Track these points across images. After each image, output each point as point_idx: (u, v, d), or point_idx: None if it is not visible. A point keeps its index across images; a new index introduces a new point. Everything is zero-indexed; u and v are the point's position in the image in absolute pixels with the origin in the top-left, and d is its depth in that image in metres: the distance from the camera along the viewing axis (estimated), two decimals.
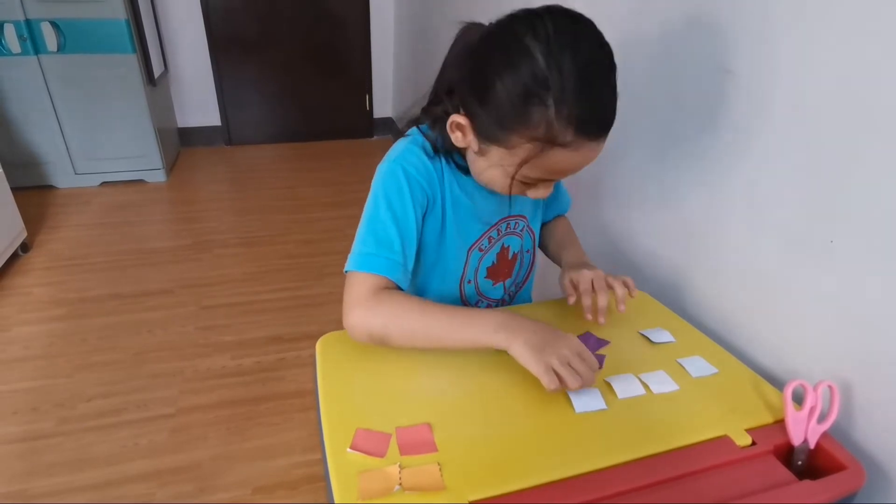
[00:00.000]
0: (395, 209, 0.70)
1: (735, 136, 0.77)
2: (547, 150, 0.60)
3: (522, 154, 0.62)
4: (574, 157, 0.61)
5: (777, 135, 0.71)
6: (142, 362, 1.57)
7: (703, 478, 0.56)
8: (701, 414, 0.63)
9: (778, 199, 0.71)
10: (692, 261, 0.89)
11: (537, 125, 0.58)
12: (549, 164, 0.62)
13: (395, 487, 0.52)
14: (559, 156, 0.60)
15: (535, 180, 0.66)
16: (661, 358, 0.72)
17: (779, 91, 0.70)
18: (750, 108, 0.74)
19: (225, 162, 3.24)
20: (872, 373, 0.62)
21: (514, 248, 0.85)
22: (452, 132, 0.68)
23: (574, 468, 0.56)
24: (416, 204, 0.71)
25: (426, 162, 0.73)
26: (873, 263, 0.60)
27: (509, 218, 0.82)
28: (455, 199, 0.76)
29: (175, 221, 2.51)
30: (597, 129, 0.60)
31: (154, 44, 2.83)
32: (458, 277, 0.82)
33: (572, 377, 0.59)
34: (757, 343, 0.77)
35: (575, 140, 0.59)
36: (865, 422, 0.63)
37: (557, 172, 0.65)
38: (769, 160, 0.72)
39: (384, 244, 0.69)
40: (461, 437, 0.59)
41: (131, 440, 1.30)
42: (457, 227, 0.77)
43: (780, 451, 0.60)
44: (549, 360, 0.60)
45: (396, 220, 0.70)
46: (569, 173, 0.65)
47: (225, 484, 1.21)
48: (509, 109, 0.59)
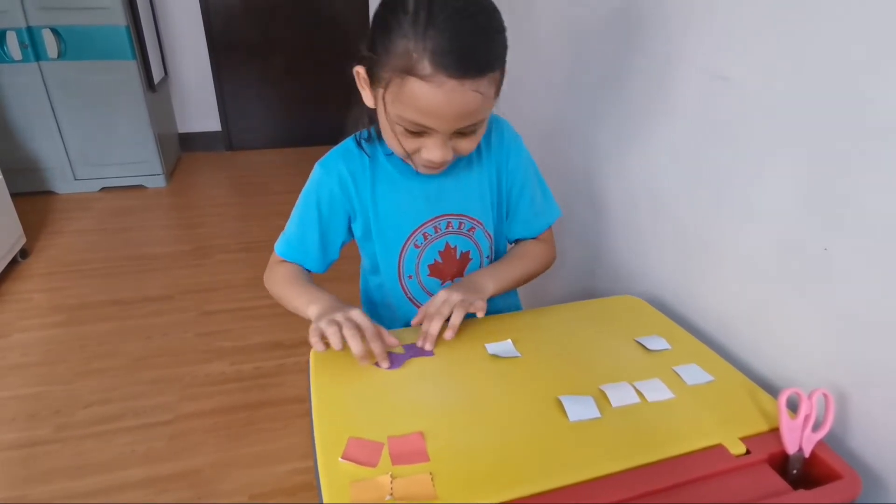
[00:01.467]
0: (304, 204, 0.81)
1: (731, 141, 0.77)
2: (407, 81, 0.61)
3: (391, 88, 0.64)
4: (436, 94, 0.61)
5: (772, 141, 0.70)
6: (141, 368, 1.57)
7: (696, 487, 0.56)
8: (695, 422, 0.63)
9: (773, 206, 0.71)
10: (689, 267, 0.88)
11: (401, 55, 0.61)
12: (413, 99, 0.62)
13: (386, 497, 0.51)
14: (419, 89, 0.61)
15: (414, 126, 0.66)
16: (656, 366, 0.72)
17: (773, 97, 0.69)
18: (745, 113, 0.74)
19: (226, 167, 3.25)
20: (868, 381, 0.61)
21: (462, 248, 0.86)
22: (363, 88, 0.71)
23: (567, 478, 0.55)
24: (321, 208, 0.80)
25: (344, 167, 0.79)
26: (867, 271, 0.60)
27: (450, 216, 0.83)
28: (383, 196, 0.81)
29: (175, 227, 2.52)
30: (456, 66, 0.60)
31: (154, 50, 2.84)
32: (395, 273, 0.86)
33: (334, 336, 0.66)
34: (753, 351, 0.77)
35: (434, 74, 0.60)
36: (861, 430, 0.62)
37: (427, 112, 0.63)
38: (764, 166, 0.72)
39: (292, 233, 0.83)
40: (454, 447, 0.58)
41: (129, 447, 1.30)
42: (386, 222, 0.82)
43: (775, 460, 0.60)
44: (320, 323, 0.69)
45: (302, 213, 0.81)
46: (438, 117, 0.64)
47: (223, 491, 1.20)
48: (381, 42, 0.63)
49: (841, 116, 0.61)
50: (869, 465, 0.62)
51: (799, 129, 0.66)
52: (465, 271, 0.87)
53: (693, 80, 0.82)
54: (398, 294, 0.88)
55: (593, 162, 1.12)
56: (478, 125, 0.68)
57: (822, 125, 0.63)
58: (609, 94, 1.04)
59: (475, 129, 0.69)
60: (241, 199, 2.82)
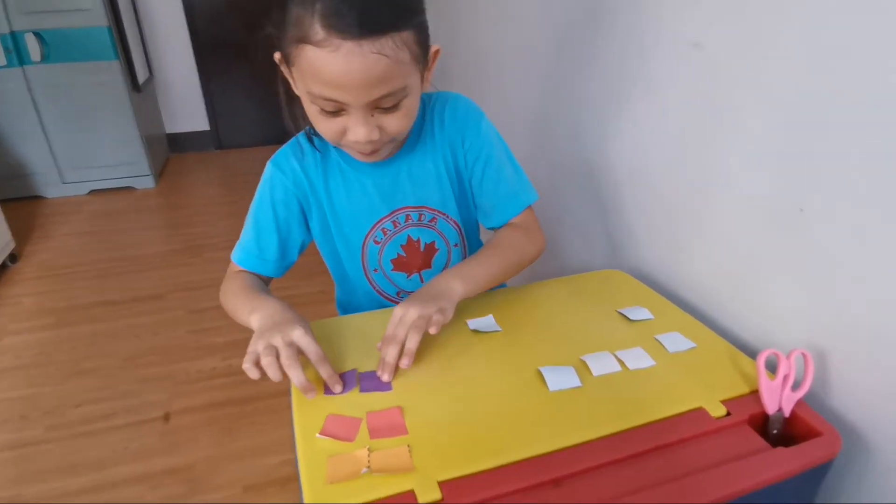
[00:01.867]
0: (257, 208, 0.78)
1: (708, 111, 0.77)
2: (304, 51, 0.57)
3: (293, 62, 0.60)
4: (334, 60, 0.56)
5: (748, 110, 0.70)
6: (132, 367, 1.57)
7: (678, 449, 0.56)
8: (677, 387, 0.63)
9: (750, 172, 0.71)
10: (672, 239, 0.88)
11: (295, 23, 0.57)
12: (313, 69, 0.58)
13: (363, 470, 0.51)
14: (315, 57, 0.57)
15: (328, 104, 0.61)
16: (638, 335, 0.72)
17: (747, 63, 0.69)
18: (721, 82, 0.74)
19: (215, 166, 3.24)
20: (846, 339, 0.61)
21: (426, 240, 0.83)
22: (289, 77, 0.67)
23: (547, 445, 0.55)
24: (275, 204, 0.77)
25: (296, 163, 0.77)
26: (841, 231, 0.59)
27: (407, 209, 0.80)
28: (337, 192, 0.78)
29: (165, 227, 2.51)
30: (348, 25, 0.55)
31: (138, 50, 2.82)
32: (359, 268, 0.84)
33: (271, 367, 0.58)
34: (735, 316, 0.77)
35: (327, 38, 0.55)
36: (840, 388, 0.62)
37: (330, 83, 0.58)
38: (741, 135, 0.72)
39: (248, 239, 0.78)
40: (433, 420, 0.58)
41: (121, 444, 1.30)
42: (343, 219, 0.80)
43: (756, 421, 0.60)
44: (257, 346, 0.60)
45: (257, 218, 0.77)
46: (345, 88, 0.59)
47: (216, 484, 1.20)
48: (278, 17, 0.60)
49: (814, 80, 0.60)
50: (848, 421, 0.61)
51: (774, 94, 0.66)
52: (432, 262, 0.85)
53: (669, 51, 0.82)
54: (366, 287, 0.86)
55: (579, 145, 1.11)
56: (399, 97, 0.62)
57: (795, 90, 0.63)
58: (591, 74, 1.04)
59: (398, 104, 0.63)
60: (232, 198, 2.81)
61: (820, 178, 0.61)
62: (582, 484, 0.52)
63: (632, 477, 0.52)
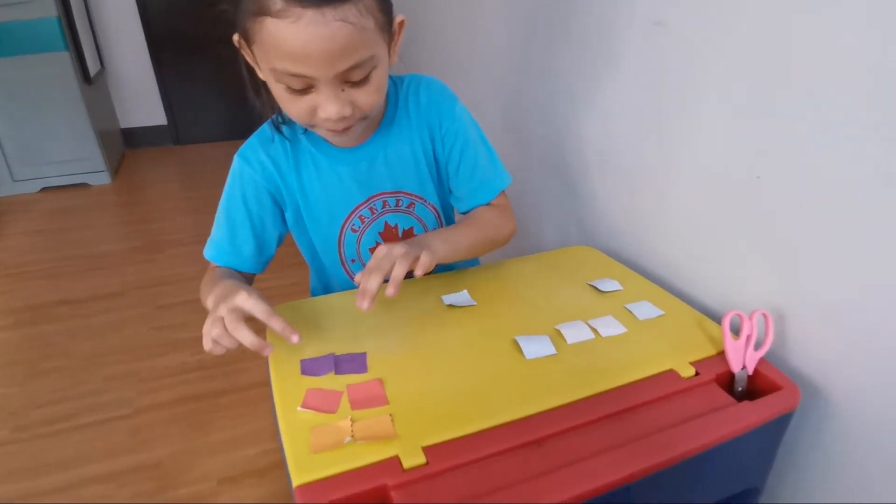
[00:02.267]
0: (229, 203, 0.76)
1: (670, 87, 0.79)
2: (264, 24, 0.55)
3: (254, 38, 0.57)
4: (296, 31, 0.54)
5: (707, 84, 0.73)
6: (95, 366, 1.52)
7: (650, 408, 0.58)
8: (648, 352, 0.65)
9: (709, 144, 0.74)
10: (638, 214, 0.91)
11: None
12: (275, 43, 0.56)
13: (346, 439, 0.51)
14: (276, 29, 0.54)
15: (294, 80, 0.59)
16: (609, 305, 0.74)
17: (705, 40, 0.72)
18: (681, 58, 0.76)
19: (174, 162, 3.15)
20: (802, 300, 0.65)
21: (403, 226, 0.82)
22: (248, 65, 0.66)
23: (527, 409, 0.56)
24: (247, 199, 0.75)
25: (264, 154, 0.75)
26: (796, 197, 0.63)
27: (384, 195, 0.79)
28: (310, 182, 0.76)
29: (123, 224, 2.43)
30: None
31: (88, 41, 2.72)
32: (336, 259, 0.83)
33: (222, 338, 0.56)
34: (699, 284, 0.80)
35: (285, 7, 0.53)
36: (799, 346, 0.66)
37: (293, 56, 0.56)
38: (701, 107, 0.74)
39: (219, 234, 0.76)
40: (413, 390, 0.59)
41: (87, 443, 1.26)
42: (317, 209, 0.78)
43: (722, 380, 0.63)
44: (205, 325, 0.58)
45: (229, 215, 0.75)
46: (309, 60, 0.56)
47: (189, 479, 1.18)
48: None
49: (767, 57, 0.63)
50: (806, 376, 0.65)
51: (731, 69, 0.69)
52: None
53: (636, 30, 0.84)
54: (343, 278, 0.84)
55: (549, 127, 1.13)
56: (367, 69, 0.60)
57: (751, 65, 0.66)
58: (560, 54, 1.05)
59: (367, 76, 0.61)
60: (193, 194, 2.73)
61: (775, 146, 0.64)
62: (562, 444, 0.53)
63: (609, 435, 0.54)
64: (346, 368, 0.61)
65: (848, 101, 0.55)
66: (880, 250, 0.55)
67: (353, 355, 0.63)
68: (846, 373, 0.61)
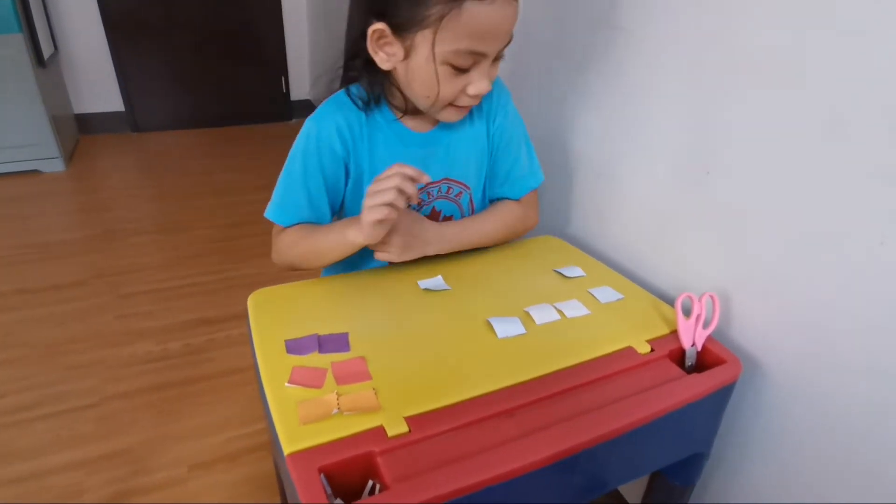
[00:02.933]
0: (305, 165, 0.76)
1: (627, 87, 0.85)
2: (463, 9, 0.61)
3: (444, 22, 0.62)
4: (492, 11, 0.62)
5: (660, 83, 0.79)
6: (55, 355, 1.49)
7: (610, 381, 0.64)
8: (608, 331, 0.71)
9: (664, 138, 0.80)
10: (601, 207, 0.97)
11: None
12: (471, 25, 0.62)
13: (333, 411, 0.55)
14: (475, 10, 0.61)
15: (468, 58, 0.66)
16: (574, 290, 0.80)
17: (658, 42, 0.78)
18: (638, 60, 0.82)
19: (132, 149, 3.06)
20: (744, 282, 0.72)
21: (446, 212, 0.87)
22: (376, 53, 0.69)
23: (499, 383, 0.61)
24: (322, 161, 0.76)
25: (342, 120, 0.76)
26: (740, 190, 0.70)
27: (441, 182, 0.83)
28: (381, 161, 0.78)
29: (80, 212, 2.36)
30: None
31: (41, 22, 2.61)
32: None
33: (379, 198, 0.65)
34: (656, 270, 0.86)
35: None
36: (742, 324, 0.73)
37: (483, 36, 0.64)
38: (656, 106, 0.80)
39: (291, 197, 0.77)
40: (394, 367, 0.63)
41: (52, 432, 1.24)
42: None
43: (675, 355, 0.69)
44: (363, 216, 0.67)
45: (305, 175, 0.77)
46: (496, 37, 0.65)
47: (159, 465, 1.18)
48: None
49: (715, 55, 0.69)
50: (747, 350, 0.72)
51: (681, 69, 0.75)
52: None
53: (597, 35, 0.89)
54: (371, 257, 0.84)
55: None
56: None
57: (700, 64, 0.72)
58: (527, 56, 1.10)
59: (502, 53, 0.69)
60: (154, 181, 2.67)
61: (721, 144, 0.71)
62: (532, 413, 0.58)
63: (573, 405, 0.60)
64: (329, 347, 0.65)
65: (789, 102, 0.62)
66: (813, 240, 0.62)
67: (335, 335, 0.67)
68: (781, 347, 0.69)
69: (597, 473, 0.62)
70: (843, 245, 0.59)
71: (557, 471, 0.56)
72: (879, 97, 0.53)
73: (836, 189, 0.58)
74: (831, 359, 0.62)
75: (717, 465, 0.81)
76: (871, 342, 0.58)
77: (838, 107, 0.57)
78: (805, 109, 0.60)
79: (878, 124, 0.53)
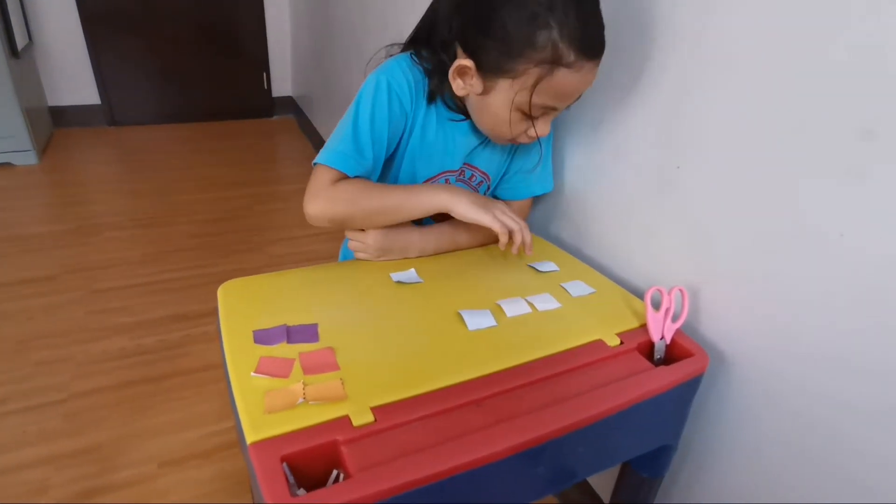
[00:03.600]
0: (372, 116, 0.76)
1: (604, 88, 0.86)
2: (554, 72, 0.66)
3: (531, 79, 0.67)
4: (576, 78, 0.67)
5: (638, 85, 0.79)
6: (23, 351, 1.45)
7: (578, 373, 0.64)
8: (579, 324, 0.72)
9: (635, 134, 0.81)
10: (572, 200, 0.97)
11: (543, 47, 0.64)
12: (556, 87, 0.67)
13: (298, 400, 0.54)
14: (564, 77, 0.66)
15: (540, 110, 0.71)
16: (546, 284, 0.80)
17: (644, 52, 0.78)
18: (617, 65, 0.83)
19: (109, 143, 3.01)
20: (712, 277, 0.73)
21: None
22: (454, 80, 0.73)
23: (468, 374, 0.61)
24: (391, 116, 0.77)
25: (409, 83, 0.78)
26: (708, 186, 0.70)
27: (468, 167, 0.87)
28: (426, 127, 0.81)
29: (54, 206, 2.31)
30: (595, 50, 0.67)
31: (16, 12, 2.55)
32: None
33: (514, 223, 0.74)
34: (627, 265, 0.87)
35: (577, 60, 0.65)
36: (709, 318, 0.74)
37: (563, 96, 0.70)
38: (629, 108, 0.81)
39: (358, 147, 0.76)
40: (362, 358, 0.62)
41: (19, 428, 1.21)
42: (420, 152, 0.83)
43: (644, 348, 0.70)
44: (494, 211, 0.74)
45: (372, 126, 0.76)
46: (572, 97, 0.71)
47: (129, 461, 1.16)
48: (516, 36, 0.65)
49: (682, 54, 0.70)
50: (714, 344, 0.73)
51: (651, 66, 0.76)
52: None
53: None
54: None
55: None
56: None
57: (670, 61, 0.73)
58: None
59: None
60: (131, 176, 2.63)
61: (691, 139, 0.72)
62: (499, 403, 0.58)
63: (542, 396, 0.60)
64: (297, 338, 0.64)
65: (756, 102, 0.63)
66: (777, 235, 0.63)
67: (304, 326, 0.66)
68: (747, 340, 0.70)
69: (564, 464, 0.62)
70: (805, 239, 0.60)
71: (524, 460, 0.56)
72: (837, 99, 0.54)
73: (799, 186, 0.59)
74: (796, 352, 0.63)
75: (685, 457, 0.82)
76: (834, 335, 0.59)
77: (800, 107, 0.58)
78: (770, 109, 0.61)
79: (835, 123, 0.55)
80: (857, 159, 0.54)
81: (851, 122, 0.53)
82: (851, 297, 0.56)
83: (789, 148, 0.60)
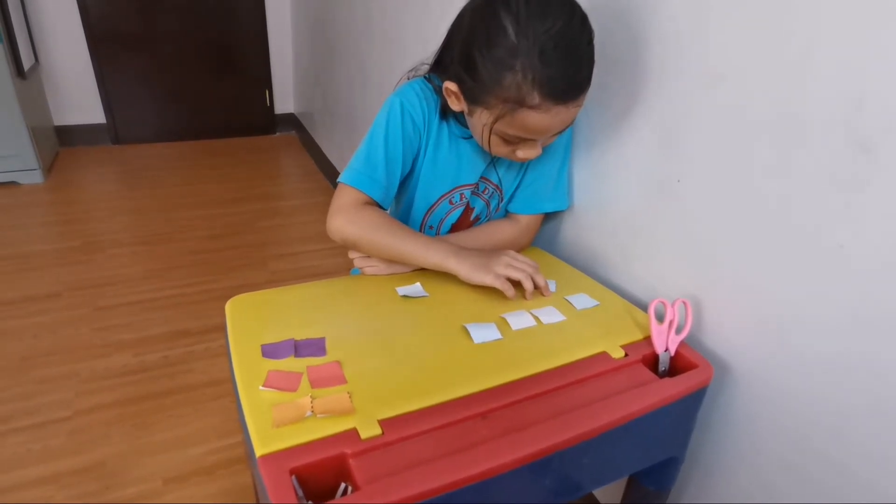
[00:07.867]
0: (387, 138, 0.81)
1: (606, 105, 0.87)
2: (517, 111, 0.68)
3: (500, 112, 0.70)
4: (545, 118, 0.68)
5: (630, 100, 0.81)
6: (28, 368, 1.46)
7: (583, 385, 0.64)
8: (583, 337, 0.72)
9: (638, 151, 0.82)
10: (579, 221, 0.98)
11: (508, 88, 0.67)
12: (522, 124, 0.70)
13: (306, 414, 0.55)
14: (530, 116, 0.68)
15: (515, 138, 0.74)
16: (551, 297, 0.81)
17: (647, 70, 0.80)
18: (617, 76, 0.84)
19: (113, 161, 3.03)
20: (716, 289, 0.73)
21: (476, 211, 0.92)
22: (448, 96, 0.77)
23: (473, 387, 0.61)
24: (405, 135, 0.82)
25: (422, 104, 0.83)
26: (710, 199, 0.71)
27: (488, 182, 0.90)
28: (439, 144, 0.85)
29: (59, 224, 2.32)
30: (562, 94, 0.67)
31: (22, 34, 2.59)
32: (419, 220, 0.91)
33: (518, 272, 0.76)
34: (630, 278, 0.88)
35: (542, 103, 0.66)
36: (713, 330, 0.74)
37: (533, 131, 0.71)
38: (627, 123, 0.82)
39: (372, 166, 0.81)
40: (369, 371, 0.63)
41: (23, 446, 1.21)
42: (433, 169, 0.86)
43: (648, 360, 0.70)
44: (496, 269, 0.76)
45: (387, 148, 0.81)
46: (545, 133, 0.72)
47: (133, 479, 1.16)
48: (487, 76, 0.68)
49: (679, 70, 0.72)
50: (719, 355, 0.74)
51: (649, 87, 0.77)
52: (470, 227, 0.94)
53: None
54: None
55: None
56: None
57: (669, 74, 0.74)
58: None
59: None
60: (134, 193, 2.65)
61: (692, 151, 0.73)
62: (505, 416, 0.59)
63: (547, 408, 0.60)
64: (305, 352, 0.65)
65: (755, 113, 0.64)
66: (778, 246, 0.64)
67: (312, 340, 0.67)
68: (750, 351, 0.70)
69: (570, 476, 0.62)
70: (805, 251, 0.61)
71: (530, 473, 0.56)
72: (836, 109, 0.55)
73: (799, 197, 0.60)
74: (799, 362, 0.64)
75: (692, 469, 0.82)
76: (835, 344, 0.59)
77: (800, 117, 0.59)
78: (770, 122, 0.62)
79: (834, 134, 0.56)
80: (857, 171, 0.54)
81: (851, 134, 0.54)
82: (852, 308, 0.57)
83: (789, 160, 0.61)
